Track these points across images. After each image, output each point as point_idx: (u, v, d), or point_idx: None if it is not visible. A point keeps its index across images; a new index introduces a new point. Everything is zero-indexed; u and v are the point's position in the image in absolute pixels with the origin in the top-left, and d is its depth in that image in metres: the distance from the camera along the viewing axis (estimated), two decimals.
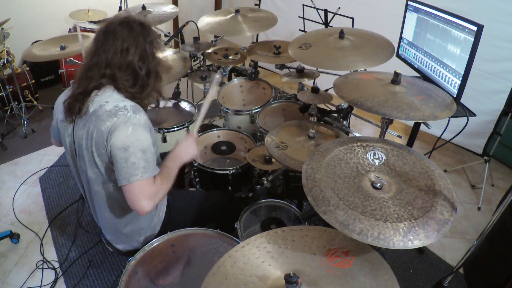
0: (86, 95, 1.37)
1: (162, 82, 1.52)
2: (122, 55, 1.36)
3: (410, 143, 2.04)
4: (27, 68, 3.63)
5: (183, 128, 2.34)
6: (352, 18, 2.73)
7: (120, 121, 1.31)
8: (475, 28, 1.55)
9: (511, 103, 2.69)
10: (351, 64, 1.77)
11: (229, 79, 2.99)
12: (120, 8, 3.85)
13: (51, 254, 2.22)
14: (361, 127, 3.53)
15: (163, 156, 1.58)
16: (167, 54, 2.44)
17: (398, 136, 2.14)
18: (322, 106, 2.46)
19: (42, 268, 2.13)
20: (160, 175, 1.40)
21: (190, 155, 1.52)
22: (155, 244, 1.51)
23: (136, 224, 1.56)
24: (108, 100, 1.36)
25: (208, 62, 2.74)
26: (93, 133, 1.33)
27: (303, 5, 3.02)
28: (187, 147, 1.52)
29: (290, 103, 2.52)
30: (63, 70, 3.77)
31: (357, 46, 1.86)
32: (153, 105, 1.55)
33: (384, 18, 3.22)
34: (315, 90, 1.93)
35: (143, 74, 1.41)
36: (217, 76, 2.05)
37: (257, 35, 4.50)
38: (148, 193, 1.32)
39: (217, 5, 5.42)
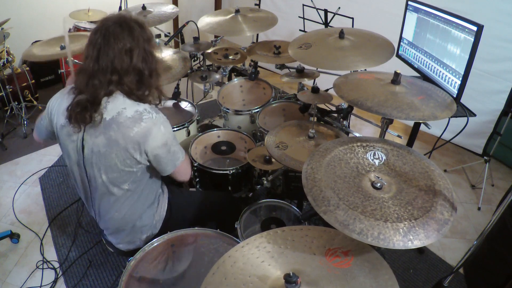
0: (96, 104, 1.33)
1: (161, 80, 1.52)
2: (127, 58, 1.33)
3: (410, 143, 2.04)
4: (27, 68, 3.63)
5: (183, 128, 2.34)
6: (352, 18, 2.73)
7: (150, 125, 1.37)
8: (475, 28, 1.55)
9: (511, 103, 2.69)
10: (351, 64, 1.77)
11: (229, 79, 2.99)
12: (120, 8, 3.85)
13: (51, 254, 2.22)
14: (361, 127, 3.53)
15: None
16: (167, 54, 2.44)
17: (398, 136, 2.14)
18: (322, 106, 2.46)
19: (42, 268, 2.13)
20: None
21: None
22: (155, 244, 1.51)
23: (139, 222, 1.57)
24: (125, 107, 1.36)
25: (208, 62, 2.74)
26: (118, 140, 1.34)
27: (303, 5, 3.02)
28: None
29: (290, 103, 2.52)
30: (63, 70, 3.77)
31: (357, 46, 1.86)
32: (157, 103, 1.54)
33: (384, 18, 3.22)
34: (315, 90, 1.92)
35: (147, 75, 1.40)
36: None
37: (257, 35, 4.50)
38: (189, 164, 1.60)
39: (217, 5, 5.42)
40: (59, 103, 1.43)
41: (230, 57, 2.73)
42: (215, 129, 2.48)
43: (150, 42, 1.40)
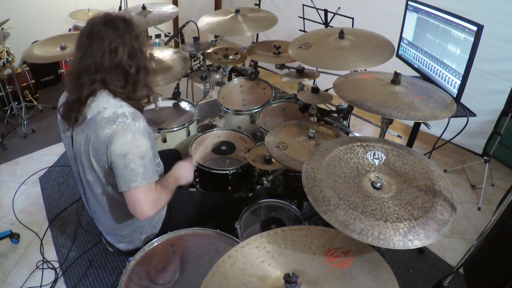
0: (81, 104, 1.34)
1: (151, 77, 1.49)
2: (111, 56, 1.32)
3: (410, 143, 2.04)
4: (27, 68, 3.63)
5: (183, 128, 2.34)
6: (352, 18, 2.73)
7: (119, 128, 1.30)
8: (475, 28, 1.55)
9: (511, 103, 2.69)
10: (351, 64, 1.77)
11: (229, 79, 2.99)
12: (120, 8, 3.85)
13: (51, 254, 2.22)
14: (361, 127, 3.53)
15: (161, 154, 1.59)
16: (167, 54, 2.44)
17: (398, 136, 2.14)
18: (322, 106, 2.46)
19: (42, 268, 2.13)
20: (160, 184, 1.43)
21: (188, 180, 1.60)
22: (155, 244, 1.51)
23: (137, 223, 1.56)
24: (106, 106, 1.34)
25: (208, 62, 2.74)
26: (92, 139, 1.32)
27: (303, 5, 3.02)
28: (187, 171, 1.60)
29: (290, 103, 2.52)
30: (63, 70, 3.76)
31: (357, 46, 1.86)
32: (145, 101, 1.51)
33: (384, 18, 3.22)
34: (315, 90, 1.93)
35: (133, 72, 1.38)
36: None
37: (257, 35, 4.50)
38: (149, 199, 1.33)
39: (217, 5, 5.42)
40: (61, 100, 1.46)
41: (230, 57, 2.73)
42: (215, 129, 2.48)
43: (138, 39, 1.38)
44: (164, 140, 2.30)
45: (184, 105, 2.60)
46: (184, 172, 1.58)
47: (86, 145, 1.34)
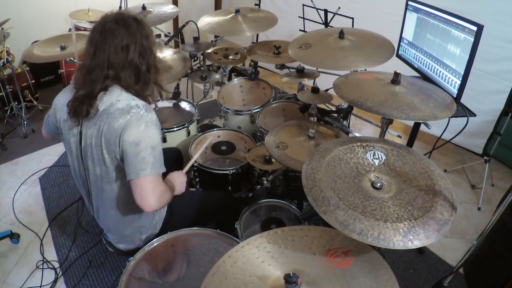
0: (92, 98, 1.36)
1: (160, 75, 1.53)
2: (123, 53, 1.35)
3: (410, 143, 2.04)
4: (27, 68, 3.63)
5: (183, 128, 2.34)
6: (352, 18, 2.73)
7: (133, 118, 1.33)
8: (475, 28, 1.55)
9: (511, 103, 2.69)
10: (351, 64, 1.77)
11: (229, 79, 2.99)
12: (120, 8, 3.85)
13: (51, 254, 2.22)
14: (361, 127, 3.53)
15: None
16: (167, 54, 2.44)
17: (398, 136, 2.14)
18: (322, 106, 2.46)
19: (42, 268, 2.13)
20: (165, 181, 1.46)
21: (181, 190, 1.61)
22: (155, 244, 1.51)
23: (139, 222, 1.57)
24: (119, 99, 1.37)
25: (208, 62, 2.74)
26: (104, 130, 1.34)
27: (303, 5, 3.02)
28: (181, 181, 1.61)
29: (290, 103, 2.52)
30: (63, 70, 3.78)
31: (357, 46, 1.86)
32: (157, 99, 1.55)
33: (384, 18, 3.22)
34: (315, 90, 1.93)
35: (144, 70, 1.42)
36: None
37: (257, 35, 4.50)
38: (156, 190, 1.35)
39: (217, 5, 5.42)
40: (63, 99, 1.46)
41: (230, 57, 2.73)
42: (215, 129, 2.48)
43: (148, 38, 1.42)
44: (164, 140, 2.31)
45: (184, 105, 2.60)
46: (178, 182, 1.59)
47: (97, 137, 1.36)
